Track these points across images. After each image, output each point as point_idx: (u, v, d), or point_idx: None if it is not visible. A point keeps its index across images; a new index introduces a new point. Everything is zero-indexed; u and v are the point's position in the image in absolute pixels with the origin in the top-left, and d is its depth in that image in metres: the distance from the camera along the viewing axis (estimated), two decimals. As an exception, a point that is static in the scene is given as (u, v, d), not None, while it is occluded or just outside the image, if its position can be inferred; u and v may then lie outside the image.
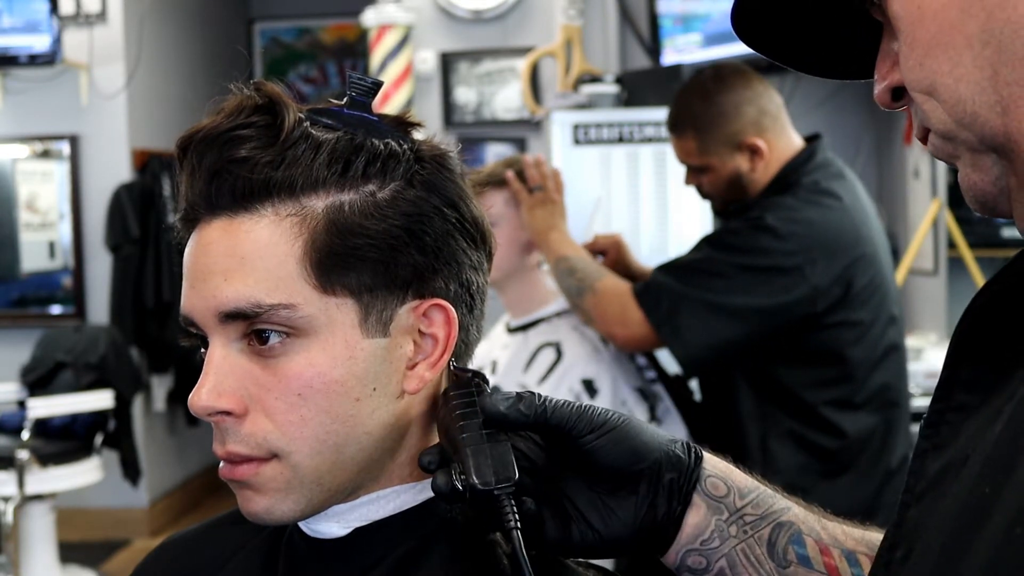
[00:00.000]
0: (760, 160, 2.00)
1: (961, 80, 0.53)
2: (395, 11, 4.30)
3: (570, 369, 1.96)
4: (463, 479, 0.69)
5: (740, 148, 2.00)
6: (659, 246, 3.33)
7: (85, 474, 4.04)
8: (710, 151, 2.01)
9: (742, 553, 0.73)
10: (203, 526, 0.91)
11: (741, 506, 0.74)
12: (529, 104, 4.35)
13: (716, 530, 0.73)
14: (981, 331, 0.57)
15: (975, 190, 0.55)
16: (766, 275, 1.92)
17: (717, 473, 0.75)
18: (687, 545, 0.73)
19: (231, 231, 0.72)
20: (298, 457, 0.72)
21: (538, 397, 0.73)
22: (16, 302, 5.00)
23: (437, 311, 0.75)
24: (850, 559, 0.73)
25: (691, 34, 4.16)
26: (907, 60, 0.55)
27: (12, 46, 4.45)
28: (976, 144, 0.54)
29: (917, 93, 0.55)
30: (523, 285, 2.07)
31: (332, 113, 0.75)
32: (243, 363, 0.72)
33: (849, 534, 0.75)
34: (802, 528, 0.74)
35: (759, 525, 0.73)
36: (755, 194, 2.03)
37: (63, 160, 4.85)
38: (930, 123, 0.55)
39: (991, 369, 0.56)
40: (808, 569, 0.73)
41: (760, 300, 1.91)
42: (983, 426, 0.54)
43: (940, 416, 0.58)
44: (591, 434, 0.72)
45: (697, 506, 0.73)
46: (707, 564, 0.73)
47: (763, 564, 0.73)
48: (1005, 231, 3.88)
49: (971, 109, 0.53)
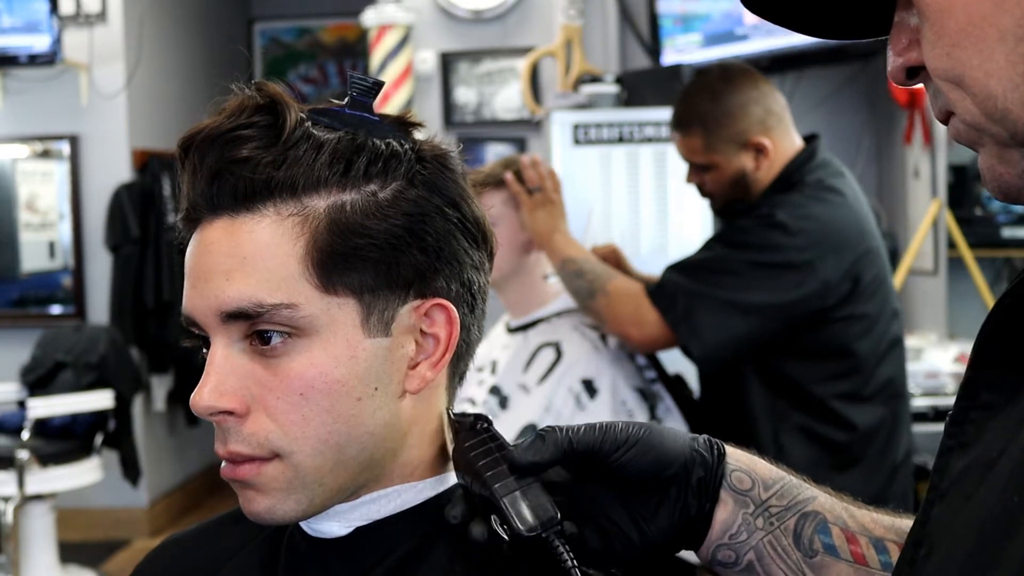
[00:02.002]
0: (765, 159, 2.02)
1: (992, 75, 0.51)
2: (395, 11, 4.30)
3: (570, 369, 1.96)
4: (506, 529, 0.71)
5: (746, 147, 2.02)
6: (659, 246, 3.33)
7: (85, 474, 4.04)
8: (716, 149, 2.03)
9: (769, 545, 0.74)
10: (203, 526, 0.91)
11: (766, 498, 0.74)
12: (529, 104, 4.35)
13: (743, 524, 0.74)
14: (1008, 332, 0.57)
15: (999, 181, 0.54)
16: (778, 271, 1.94)
17: (741, 467, 0.75)
18: (717, 540, 0.74)
19: (233, 231, 0.72)
20: (300, 457, 0.72)
21: (560, 432, 0.73)
22: (16, 302, 5.00)
23: (439, 311, 0.75)
24: (878, 547, 0.73)
25: (691, 34, 4.16)
26: (932, 47, 0.53)
27: (12, 46, 4.45)
28: (1006, 139, 0.52)
29: (942, 81, 0.54)
30: (523, 285, 2.07)
31: (333, 113, 0.75)
32: (245, 363, 0.72)
33: (879, 522, 0.75)
34: (828, 517, 0.74)
35: (784, 516, 0.74)
36: (757, 193, 2.05)
37: (63, 160, 4.85)
38: (955, 111, 0.54)
39: (1017, 370, 0.56)
40: (835, 558, 0.73)
41: (774, 296, 1.93)
42: (1011, 429, 0.53)
43: (965, 414, 0.58)
44: (617, 452, 0.72)
45: (724, 502, 0.74)
46: (736, 557, 0.74)
47: (790, 555, 0.73)
48: (1005, 231, 3.88)
49: (1002, 106, 0.51)
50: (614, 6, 4.41)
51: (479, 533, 0.72)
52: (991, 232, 3.89)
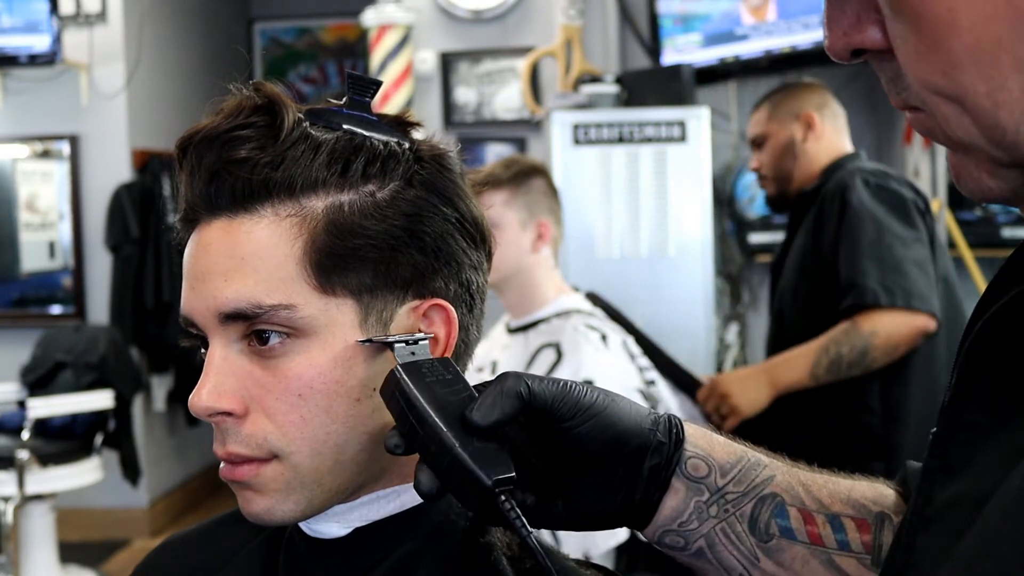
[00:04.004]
0: (812, 133, 2.43)
1: (1002, 106, 0.46)
2: (395, 11, 4.30)
3: (570, 370, 1.96)
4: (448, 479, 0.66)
5: (798, 118, 2.44)
6: (659, 246, 3.33)
7: (85, 474, 4.04)
8: (774, 118, 2.47)
9: (721, 532, 0.72)
10: (203, 526, 0.91)
11: (722, 485, 0.72)
12: (529, 104, 4.35)
13: (695, 512, 0.72)
14: (994, 350, 0.54)
15: (985, 193, 0.51)
16: (909, 212, 2.25)
17: (698, 453, 0.73)
18: (664, 526, 0.72)
19: (231, 232, 0.72)
20: (298, 458, 0.72)
21: (519, 380, 0.68)
22: (16, 302, 5.00)
23: (437, 311, 0.75)
24: (834, 524, 0.72)
25: (691, 34, 4.16)
26: (920, 59, 0.48)
27: (12, 46, 4.45)
28: (1006, 162, 0.48)
29: (931, 95, 0.49)
30: (523, 286, 2.07)
31: (331, 113, 0.75)
32: (243, 364, 0.72)
33: (835, 495, 0.73)
34: (785, 499, 0.72)
35: (741, 502, 0.72)
36: (804, 173, 2.42)
37: (63, 160, 4.85)
38: (943, 123, 0.49)
39: (1005, 389, 0.53)
40: (791, 541, 0.72)
41: (918, 233, 2.23)
42: (1001, 462, 0.50)
43: (949, 434, 0.56)
44: (575, 419, 0.69)
45: (676, 490, 0.72)
46: (685, 543, 0.72)
47: (743, 541, 0.72)
48: (1005, 231, 3.88)
49: (1012, 139, 0.46)
50: (614, 6, 4.41)
51: (427, 485, 0.67)
52: (991, 232, 3.89)
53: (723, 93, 4.36)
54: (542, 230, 2.05)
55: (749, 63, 3.94)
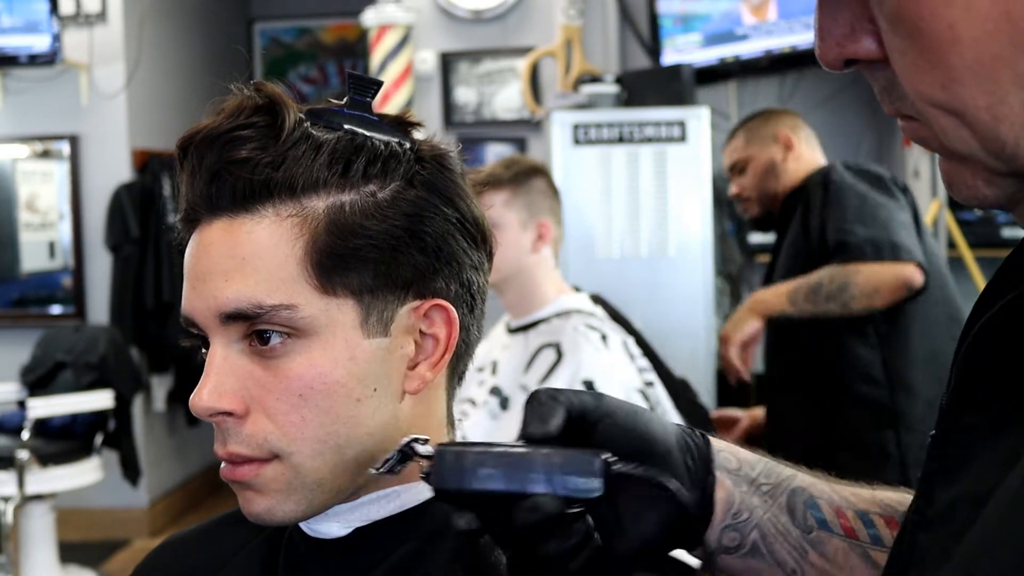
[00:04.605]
0: (791, 152, 2.54)
1: (1003, 121, 0.46)
2: (395, 11, 4.29)
3: (571, 370, 1.96)
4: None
5: (776, 140, 2.55)
6: (659, 246, 3.33)
7: (85, 474, 4.04)
8: (753, 142, 2.58)
9: (770, 523, 0.70)
10: (203, 526, 0.91)
11: (754, 476, 0.72)
12: (529, 104, 4.35)
13: (742, 502, 0.71)
14: (992, 354, 0.54)
15: (980, 200, 0.51)
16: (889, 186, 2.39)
17: (725, 448, 0.72)
18: (722, 523, 0.71)
19: (232, 232, 0.72)
20: (299, 458, 0.72)
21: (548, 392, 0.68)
22: (16, 302, 5.00)
23: (438, 311, 0.75)
24: (864, 520, 0.72)
25: (691, 34, 4.16)
26: (919, 73, 0.48)
27: (12, 46, 4.45)
28: (1004, 171, 0.48)
29: (928, 107, 0.48)
30: (523, 286, 2.07)
31: (332, 113, 0.74)
32: (244, 364, 0.72)
33: (859, 495, 0.73)
34: (813, 492, 0.72)
35: (776, 493, 0.71)
36: (787, 188, 2.52)
37: (63, 160, 4.85)
38: (941, 135, 0.49)
39: (1002, 393, 0.53)
40: (829, 533, 0.71)
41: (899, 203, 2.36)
42: (999, 464, 0.50)
43: (948, 436, 0.56)
44: (604, 418, 0.68)
45: (721, 482, 0.70)
46: (741, 539, 0.71)
47: (790, 532, 0.71)
48: (1005, 231, 3.88)
49: (1011, 152, 0.47)
50: (614, 6, 4.41)
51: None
52: (991, 232, 3.89)
53: (723, 93, 4.36)
54: (542, 230, 2.05)
55: (749, 63, 3.93)
